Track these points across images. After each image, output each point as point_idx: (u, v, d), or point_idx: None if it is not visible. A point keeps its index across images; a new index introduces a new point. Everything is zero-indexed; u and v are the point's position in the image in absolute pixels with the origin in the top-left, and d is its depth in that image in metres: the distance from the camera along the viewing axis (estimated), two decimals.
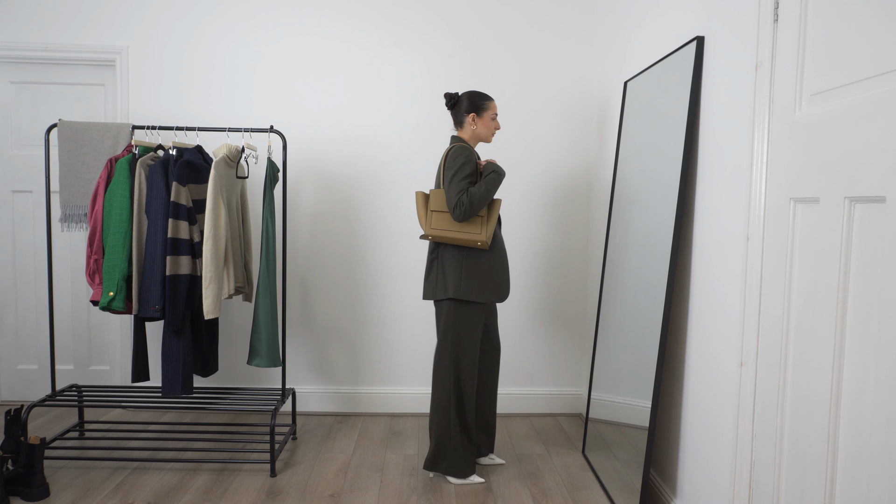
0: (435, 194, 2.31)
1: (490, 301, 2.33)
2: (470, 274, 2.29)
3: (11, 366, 3.29)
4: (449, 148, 2.34)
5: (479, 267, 2.30)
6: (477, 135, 2.37)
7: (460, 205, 2.21)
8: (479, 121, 2.36)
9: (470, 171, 2.26)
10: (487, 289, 2.31)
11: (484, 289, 2.30)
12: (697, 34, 1.94)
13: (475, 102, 2.36)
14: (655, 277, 2.07)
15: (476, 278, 2.30)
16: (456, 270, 2.29)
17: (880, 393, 1.12)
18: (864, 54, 1.21)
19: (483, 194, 2.24)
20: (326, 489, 2.37)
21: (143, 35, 3.13)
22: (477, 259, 2.30)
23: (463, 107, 2.37)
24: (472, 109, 2.36)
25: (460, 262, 2.29)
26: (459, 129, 2.41)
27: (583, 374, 3.25)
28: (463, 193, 2.22)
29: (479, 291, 2.30)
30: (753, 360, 1.58)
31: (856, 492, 1.19)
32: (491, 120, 2.37)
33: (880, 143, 1.14)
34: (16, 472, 2.23)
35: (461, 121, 2.38)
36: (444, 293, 2.30)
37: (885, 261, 1.12)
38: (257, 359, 2.59)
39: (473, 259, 2.30)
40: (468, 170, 2.26)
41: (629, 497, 2.10)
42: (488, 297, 2.31)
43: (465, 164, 2.26)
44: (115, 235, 2.43)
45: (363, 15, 3.14)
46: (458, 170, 2.25)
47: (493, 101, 2.40)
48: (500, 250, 2.35)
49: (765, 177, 1.55)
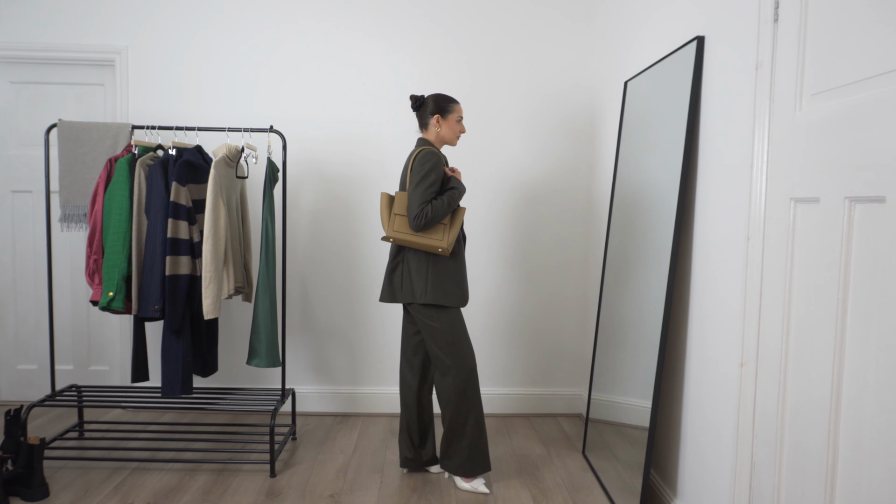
0: (400, 197, 2.26)
1: (455, 306, 2.30)
2: (436, 278, 2.27)
3: (11, 366, 3.29)
4: (416, 151, 2.28)
5: (445, 272, 2.28)
6: (441, 137, 2.34)
7: (422, 216, 2.17)
8: (443, 123, 2.32)
9: (435, 179, 2.22)
10: (455, 293, 2.29)
11: (450, 293, 2.28)
12: (697, 34, 1.94)
13: (440, 104, 2.32)
14: (655, 277, 2.06)
15: (442, 283, 2.28)
16: (422, 275, 2.27)
17: (880, 393, 1.12)
18: (864, 54, 1.20)
19: (444, 210, 2.21)
20: (326, 489, 2.37)
21: (143, 35, 3.13)
22: (444, 264, 2.28)
23: (428, 108, 2.33)
24: (436, 111, 2.32)
25: (426, 266, 2.27)
26: (424, 130, 2.37)
27: (583, 374, 3.25)
28: (426, 205, 2.18)
29: (445, 295, 2.27)
30: (754, 360, 1.58)
31: (856, 492, 1.19)
32: (456, 122, 2.34)
33: (880, 143, 1.14)
34: (15, 472, 2.23)
35: (426, 122, 2.35)
36: (411, 297, 2.28)
37: (885, 261, 1.12)
38: (257, 359, 2.59)
39: (441, 264, 2.28)
40: (433, 178, 2.21)
41: (629, 497, 2.10)
42: (454, 302, 2.29)
43: (431, 172, 2.21)
44: (115, 235, 2.43)
45: (363, 16, 3.14)
46: (424, 177, 2.20)
47: (459, 103, 2.37)
48: (461, 257, 2.34)
49: (765, 177, 1.54)
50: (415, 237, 2.22)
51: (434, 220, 2.19)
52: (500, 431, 3.01)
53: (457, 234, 2.26)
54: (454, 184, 2.28)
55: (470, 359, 2.32)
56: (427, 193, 2.19)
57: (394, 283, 2.34)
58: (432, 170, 2.22)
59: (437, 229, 2.23)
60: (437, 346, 2.29)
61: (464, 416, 2.31)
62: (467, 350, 2.32)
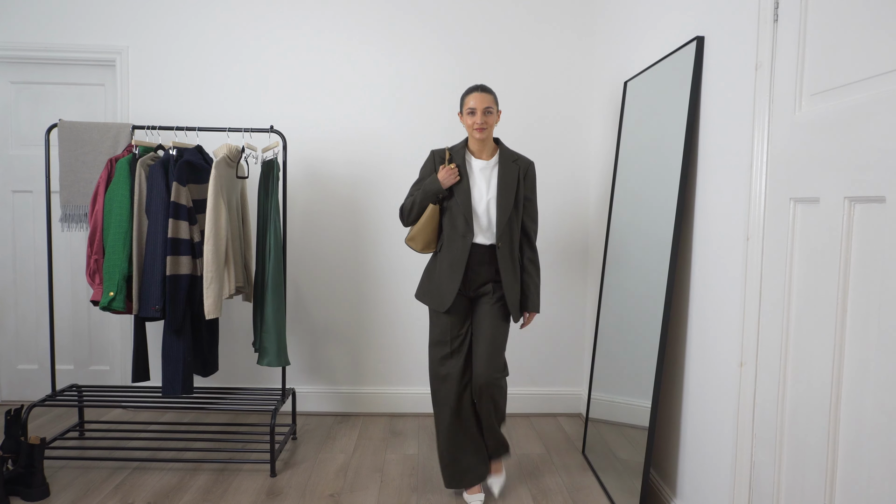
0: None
1: (429, 306, 2.27)
2: (425, 276, 2.32)
3: (11, 366, 3.29)
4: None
5: (430, 272, 2.30)
6: (468, 132, 2.25)
7: (399, 212, 2.29)
8: (462, 118, 2.24)
9: (421, 177, 2.27)
10: (431, 293, 2.27)
11: (426, 291, 2.29)
12: (697, 34, 1.94)
13: (461, 100, 2.24)
14: (655, 277, 2.07)
15: (423, 281, 2.31)
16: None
17: (880, 393, 1.12)
18: (864, 54, 1.21)
19: (406, 209, 2.25)
20: (326, 489, 2.37)
21: (143, 35, 3.13)
22: (432, 265, 2.31)
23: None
24: (460, 108, 2.27)
25: (428, 264, 2.34)
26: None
27: (583, 374, 3.25)
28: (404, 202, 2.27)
29: (423, 293, 2.30)
30: (754, 360, 1.58)
31: (856, 492, 1.19)
32: (467, 115, 2.19)
33: (880, 143, 1.14)
34: (16, 472, 2.23)
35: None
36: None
37: (885, 261, 1.12)
38: (268, 358, 2.60)
39: (431, 264, 2.31)
40: (419, 176, 2.29)
41: (629, 497, 2.10)
42: (428, 302, 2.27)
43: (422, 169, 2.29)
44: (116, 235, 2.43)
45: (363, 16, 3.14)
46: (419, 175, 2.30)
47: (471, 94, 2.19)
48: (448, 261, 2.21)
49: (765, 177, 1.55)
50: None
51: (403, 218, 2.27)
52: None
53: (423, 232, 2.23)
54: (424, 185, 2.22)
55: (433, 365, 2.27)
56: (410, 190, 2.29)
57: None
58: (423, 167, 2.29)
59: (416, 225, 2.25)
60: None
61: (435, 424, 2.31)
62: (432, 355, 2.27)
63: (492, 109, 2.18)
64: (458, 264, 2.18)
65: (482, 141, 2.21)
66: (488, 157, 2.24)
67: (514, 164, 2.23)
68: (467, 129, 2.22)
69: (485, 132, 2.17)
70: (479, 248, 2.19)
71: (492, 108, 2.18)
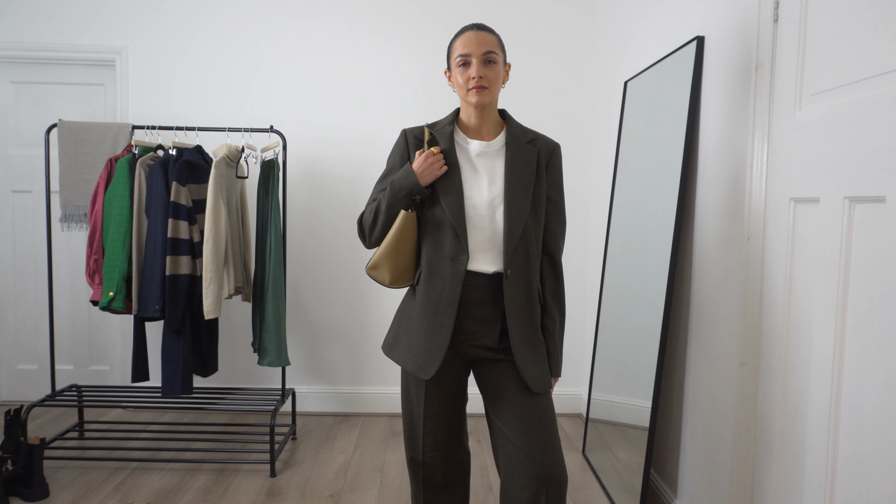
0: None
1: (403, 367, 1.50)
2: (395, 322, 1.55)
3: (11, 366, 3.29)
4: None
5: (403, 314, 1.53)
6: (460, 97, 1.47)
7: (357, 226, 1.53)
8: (450, 78, 1.48)
9: (388, 171, 1.51)
10: (404, 346, 1.49)
11: (397, 344, 1.52)
12: (697, 34, 1.94)
13: (448, 48, 1.47)
14: (655, 277, 2.06)
15: (394, 328, 1.54)
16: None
17: (880, 393, 1.12)
18: (864, 54, 1.20)
19: (369, 221, 1.47)
20: (326, 489, 2.37)
21: (143, 35, 3.13)
22: (408, 302, 1.52)
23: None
24: (447, 62, 1.48)
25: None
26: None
27: (583, 374, 3.25)
28: (364, 210, 1.51)
29: (388, 346, 1.54)
30: (753, 360, 1.58)
31: (856, 492, 1.19)
32: (458, 68, 1.42)
33: (880, 143, 1.14)
34: (15, 472, 2.23)
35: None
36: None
37: (885, 261, 1.12)
38: (268, 358, 2.61)
39: (406, 303, 1.53)
40: (385, 170, 1.52)
41: (629, 497, 2.10)
42: (399, 359, 1.50)
43: (389, 157, 1.52)
44: (115, 235, 2.43)
45: (363, 15, 3.14)
46: (386, 167, 1.53)
47: (461, 35, 1.43)
48: (432, 296, 1.42)
49: (765, 177, 1.55)
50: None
51: (362, 235, 1.51)
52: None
53: (388, 257, 1.44)
54: (395, 179, 1.43)
55: (409, 447, 1.57)
56: (373, 194, 1.51)
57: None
58: (389, 156, 1.52)
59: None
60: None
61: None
62: (407, 434, 1.57)
63: (495, 57, 1.41)
64: (446, 305, 1.40)
65: (481, 110, 1.44)
66: (491, 137, 1.48)
67: (529, 147, 1.46)
68: (459, 92, 1.44)
69: (485, 93, 1.40)
70: (477, 280, 1.41)
71: (495, 55, 1.41)
